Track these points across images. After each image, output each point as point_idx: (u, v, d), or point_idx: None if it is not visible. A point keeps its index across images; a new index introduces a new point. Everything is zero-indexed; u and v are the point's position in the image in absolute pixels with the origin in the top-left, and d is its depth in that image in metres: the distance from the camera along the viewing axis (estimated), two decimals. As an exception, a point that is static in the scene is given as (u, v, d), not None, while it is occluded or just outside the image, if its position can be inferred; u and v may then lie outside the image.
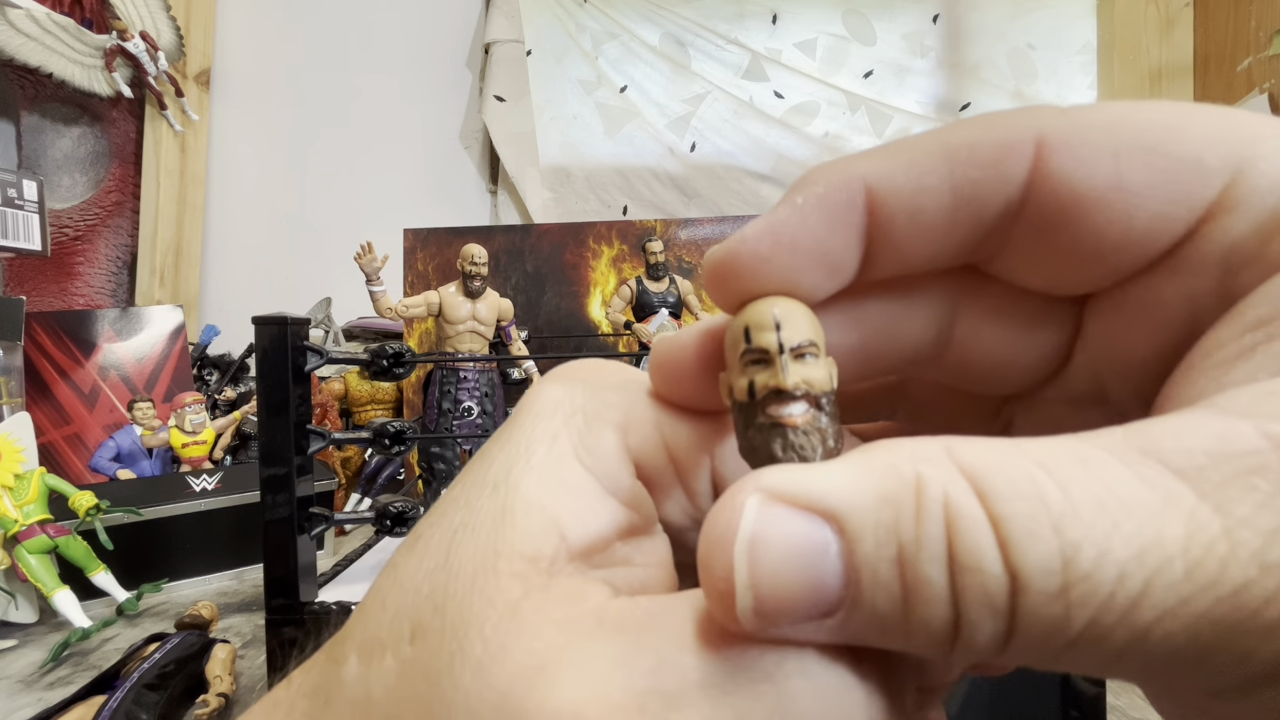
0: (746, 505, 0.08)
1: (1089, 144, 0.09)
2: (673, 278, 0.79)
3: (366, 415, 0.94)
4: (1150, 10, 1.35)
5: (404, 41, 1.39)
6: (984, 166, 0.10)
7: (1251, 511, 0.07)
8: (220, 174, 1.34)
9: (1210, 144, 0.09)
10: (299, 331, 0.43)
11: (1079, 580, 0.07)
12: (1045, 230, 0.10)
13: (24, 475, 0.52)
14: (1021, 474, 0.08)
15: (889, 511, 0.08)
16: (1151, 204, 0.09)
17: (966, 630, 0.08)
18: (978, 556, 0.07)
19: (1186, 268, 0.10)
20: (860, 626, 0.08)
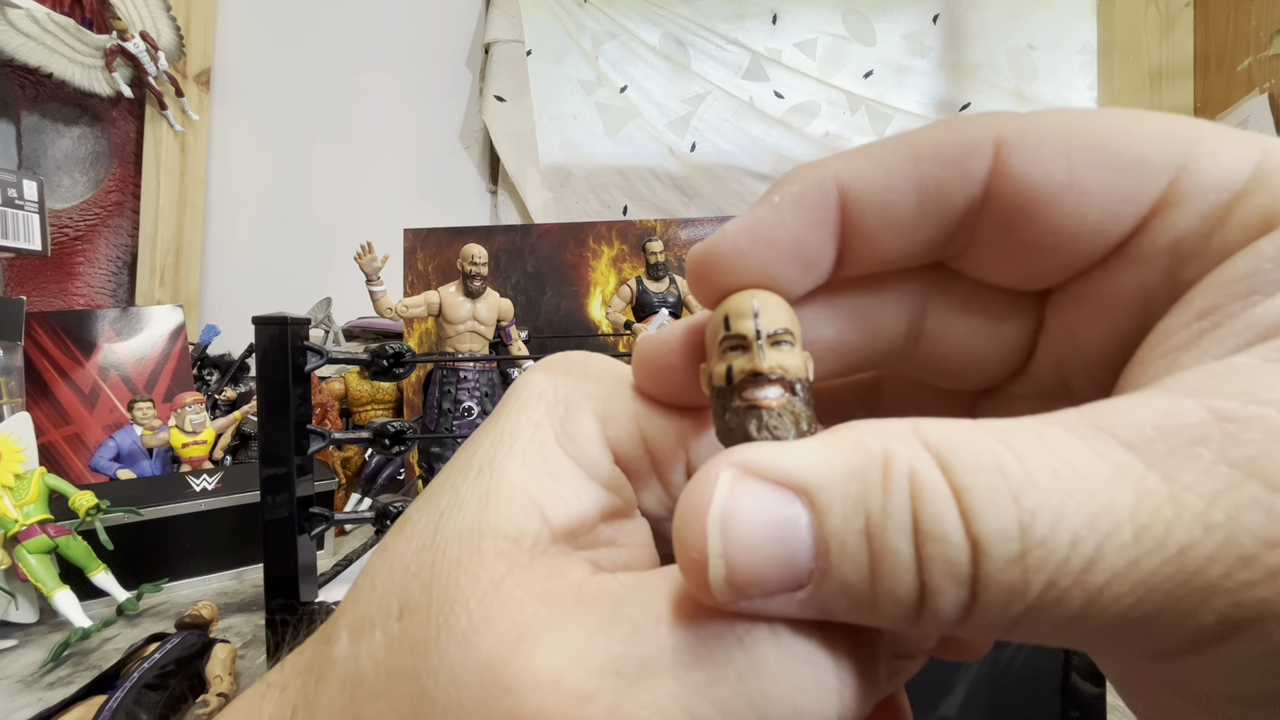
0: (720, 479, 0.09)
1: (1044, 144, 0.10)
2: (673, 278, 0.79)
3: (366, 415, 0.94)
4: (1150, 10, 1.35)
5: (404, 41, 1.39)
6: (948, 165, 0.10)
7: (1195, 478, 0.07)
8: (220, 174, 1.34)
9: (1155, 144, 0.10)
10: (299, 331, 0.43)
11: (1036, 545, 0.07)
12: (1005, 226, 0.11)
13: (24, 475, 0.52)
14: (982, 448, 0.08)
15: (857, 485, 0.08)
16: (1101, 200, 0.10)
17: (931, 599, 0.08)
18: (941, 526, 0.08)
19: (1137, 261, 0.10)
20: (830, 598, 0.08)
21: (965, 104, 1.41)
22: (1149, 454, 0.08)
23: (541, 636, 0.09)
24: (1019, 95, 1.41)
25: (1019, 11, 1.41)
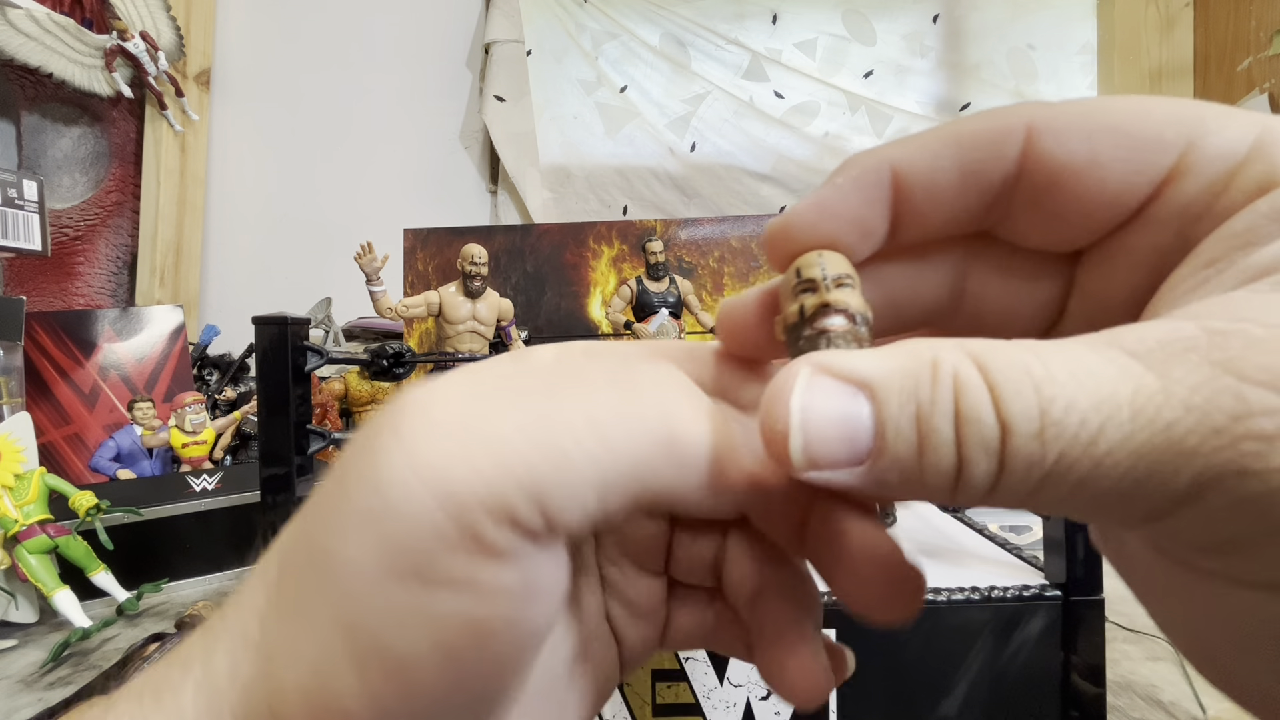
0: (800, 373, 0.11)
1: (1068, 128, 0.12)
2: (673, 278, 0.79)
3: (366, 415, 0.94)
4: (1150, 10, 1.35)
5: (404, 41, 1.39)
6: (985, 148, 0.12)
7: (1184, 373, 0.09)
8: (220, 174, 1.34)
9: (1166, 124, 0.11)
10: (299, 331, 0.43)
11: (1051, 424, 0.09)
12: (1037, 197, 0.12)
13: (24, 475, 0.52)
14: (1014, 354, 0.10)
15: (910, 381, 0.10)
16: (1119, 173, 0.12)
17: (967, 470, 0.10)
18: (978, 410, 0.10)
19: (1153, 224, 0.12)
20: (885, 472, 0.10)
21: (965, 104, 1.41)
22: (1149, 359, 0.09)
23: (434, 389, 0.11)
24: (1019, 95, 1.41)
25: (1019, 11, 1.41)
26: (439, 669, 0.10)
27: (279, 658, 0.11)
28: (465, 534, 0.10)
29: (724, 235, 1.01)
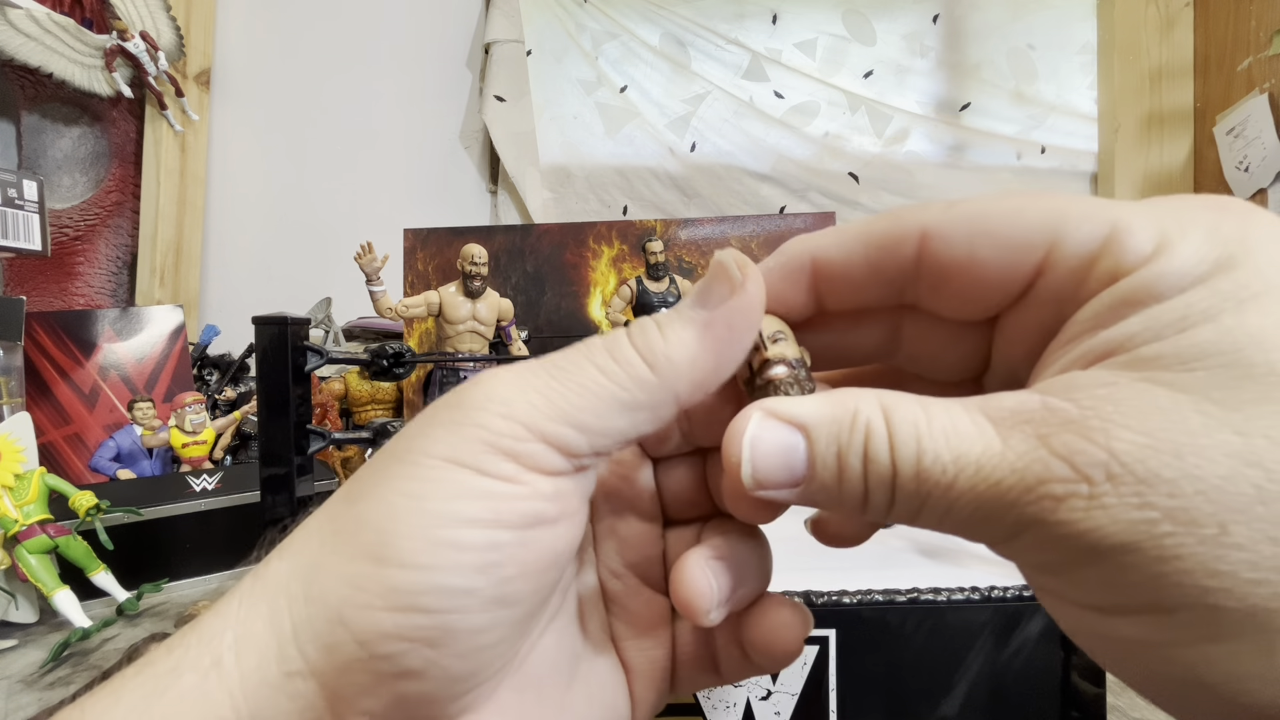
0: (752, 416, 0.14)
1: (954, 233, 0.14)
2: (673, 278, 0.79)
3: (366, 415, 0.94)
4: (1150, 10, 1.34)
5: (404, 42, 1.39)
6: (887, 248, 0.15)
7: (1017, 440, 0.12)
8: (220, 174, 1.34)
9: (1033, 226, 0.14)
10: (299, 331, 0.43)
11: (924, 470, 0.13)
12: (935, 285, 0.15)
13: (24, 475, 0.52)
14: (910, 411, 0.13)
15: (835, 426, 0.14)
16: (997, 269, 0.14)
17: (870, 496, 0.13)
18: (878, 454, 0.13)
19: (1035, 304, 0.15)
20: (814, 493, 0.14)
21: (965, 104, 1.41)
22: (1000, 425, 0.13)
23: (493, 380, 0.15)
24: (1019, 95, 1.41)
25: (1019, 11, 1.41)
26: (494, 550, 0.14)
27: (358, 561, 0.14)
28: (519, 440, 0.14)
29: (724, 235, 1.01)
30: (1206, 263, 0.12)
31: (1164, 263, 0.12)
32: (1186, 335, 0.12)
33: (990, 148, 1.41)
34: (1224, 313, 0.11)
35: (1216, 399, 0.11)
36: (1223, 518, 0.11)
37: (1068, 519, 0.11)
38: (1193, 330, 0.12)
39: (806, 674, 0.40)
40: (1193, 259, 0.12)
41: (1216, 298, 0.12)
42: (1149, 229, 0.13)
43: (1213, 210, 0.13)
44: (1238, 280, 0.12)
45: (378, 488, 0.14)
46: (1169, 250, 0.12)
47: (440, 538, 0.13)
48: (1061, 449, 0.12)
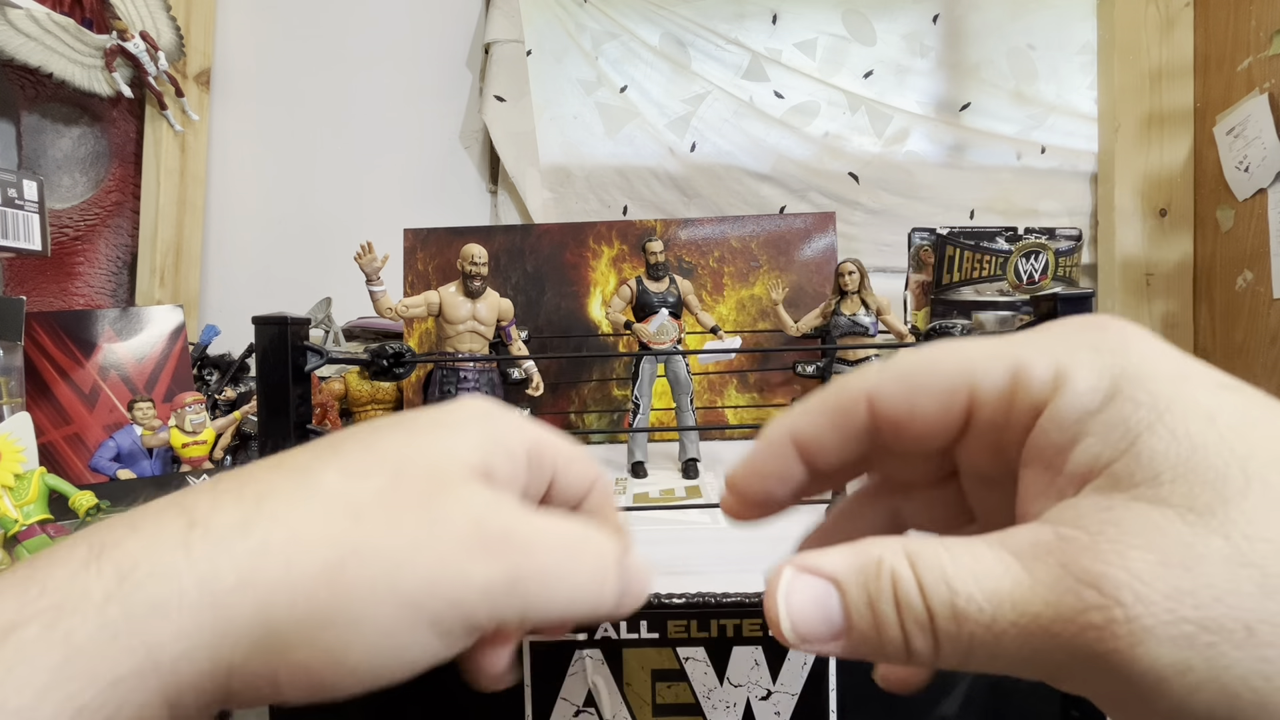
0: (784, 572, 0.16)
1: (894, 392, 0.17)
2: (673, 278, 0.79)
3: (366, 415, 0.94)
4: (1150, 10, 1.34)
5: (404, 41, 1.39)
6: (845, 415, 0.18)
7: (1043, 573, 0.13)
8: (220, 174, 1.34)
9: (952, 376, 0.16)
10: (299, 331, 0.43)
11: (959, 610, 0.14)
12: (892, 435, 0.17)
13: (24, 475, 0.52)
14: (934, 554, 0.14)
15: (863, 576, 0.15)
16: (935, 416, 0.17)
17: (911, 643, 0.14)
18: (910, 598, 0.14)
19: (974, 435, 0.17)
20: (856, 645, 0.15)
21: (965, 104, 1.41)
22: (1023, 558, 0.14)
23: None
24: (1019, 95, 1.41)
25: (1019, 11, 1.41)
26: None
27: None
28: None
29: (724, 235, 1.01)
30: (1101, 391, 0.14)
31: (1069, 392, 0.15)
32: (1135, 452, 0.13)
33: (990, 148, 1.41)
34: (1150, 429, 0.13)
35: (1193, 508, 0.12)
36: (1244, 619, 0.11)
37: (1116, 648, 0.12)
38: (1136, 446, 0.13)
39: (806, 674, 0.40)
40: (1088, 387, 0.14)
41: (1136, 414, 0.14)
42: (1044, 362, 0.15)
43: (1092, 332, 0.15)
44: (1137, 399, 0.14)
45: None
46: (1070, 379, 0.15)
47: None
48: (1085, 576, 0.13)
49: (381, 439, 0.17)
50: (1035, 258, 1.12)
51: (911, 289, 1.19)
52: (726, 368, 0.99)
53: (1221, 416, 0.13)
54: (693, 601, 0.40)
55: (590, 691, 0.41)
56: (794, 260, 1.00)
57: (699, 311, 0.80)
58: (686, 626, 0.40)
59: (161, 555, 0.14)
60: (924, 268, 1.18)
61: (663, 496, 0.69)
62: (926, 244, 1.17)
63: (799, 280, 0.99)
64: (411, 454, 0.17)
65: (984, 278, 1.13)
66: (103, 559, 0.14)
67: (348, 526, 0.15)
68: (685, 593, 0.41)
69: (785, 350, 0.90)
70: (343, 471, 0.16)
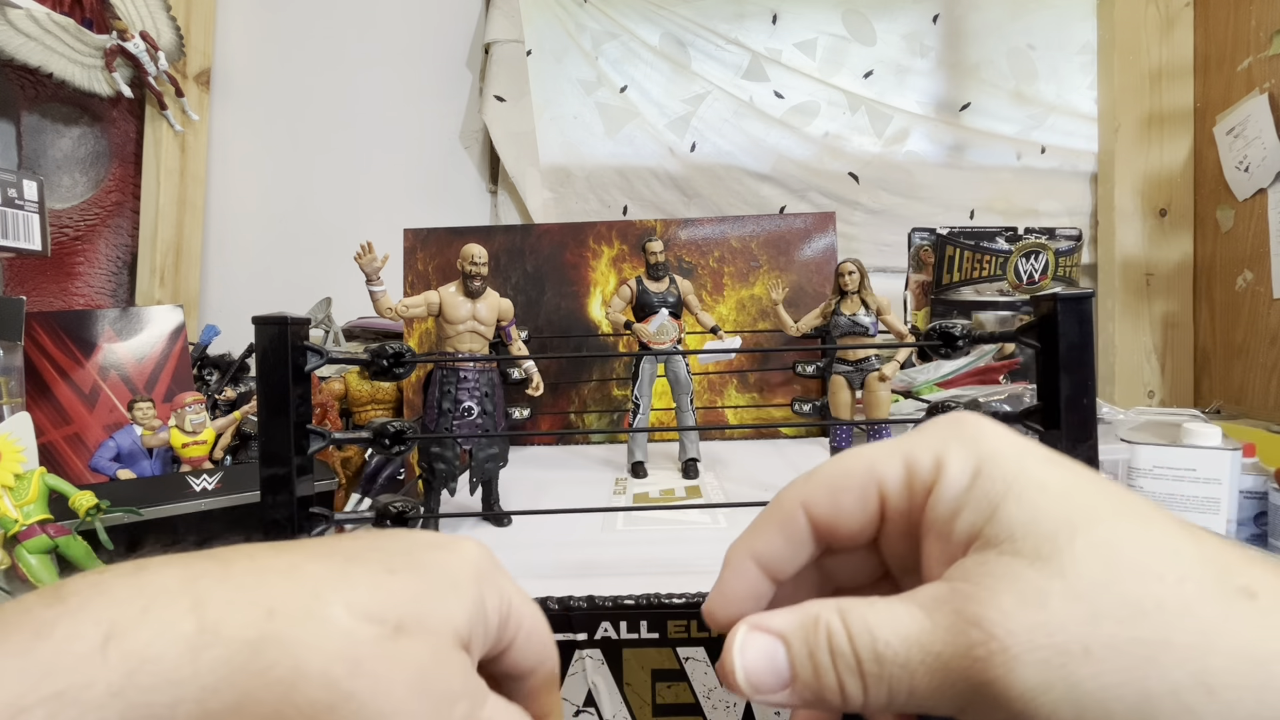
0: (740, 631, 0.18)
1: (821, 498, 0.20)
2: (673, 278, 0.79)
3: (366, 415, 0.94)
4: (1150, 10, 1.34)
5: (404, 41, 1.39)
6: (789, 526, 0.20)
7: (941, 618, 0.16)
8: (220, 174, 1.34)
9: (864, 475, 0.19)
10: (299, 331, 0.43)
11: (880, 652, 0.16)
12: (827, 533, 0.20)
13: (24, 475, 0.52)
14: (862, 609, 0.17)
15: (804, 631, 0.18)
16: (855, 511, 0.20)
17: (844, 686, 0.17)
18: (841, 648, 0.17)
19: (888, 530, 0.20)
20: (801, 692, 0.17)
21: (965, 104, 1.41)
22: (926, 608, 0.17)
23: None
24: (1019, 95, 1.41)
25: (1019, 11, 1.41)
26: None
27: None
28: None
29: (724, 235, 1.01)
30: (968, 473, 0.18)
31: (946, 475, 0.18)
32: (997, 518, 0.17)
33: (990, 148, 1.41)
34: (1004, 499, 0.17)
35: (1039, 556, 0.16)
36: (1082, 641, 0.15)
37: (997, 675, 0.15)
38: (997, 514, 0.17)
39: (806, 674, 0.40)
40: (959, 471, 0.18)
41: (994, 488, 0.17)
42: (927, 455, 0.19)
43: (956, 427, 0.19)
44: (993, 476, 0.18)
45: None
46: (946, 465, 0.18)
47: None
48: (971, 618, 0.16)
49: (395, 583, 0.18)
50: (1035, 258, 1.12)
51: (911, 289, 1.19)
52: (726, 368, 0.99)
53: (1050, 486, 0.17)
54: (693, 601, 0.40)
55: (590, 691, 0.41)
56: (794, 260, 1.00)
57: (699, 311, 0.80)
58: (686, 626, 0.40)
59: (168, 656, 0.15)
60: (924, 268, 1.18)
61: (663, 496, 0.69)
62: (926, 244, 1.17)
63: (799, 280, 0.99)
64: (418, 610, 0.18)
65: (984, 278, 1.13)
66: (110, 648, 0.14)
67: (346, 673, 0.16)
68: (685, 593, 0.41)
69: (785, 350, 0.90)
70: (351, 610, 0.17)
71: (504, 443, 0.63)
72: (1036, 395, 0.43)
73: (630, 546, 0.52)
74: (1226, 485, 0.79)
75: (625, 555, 0.50)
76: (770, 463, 0.83)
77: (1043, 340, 0.41)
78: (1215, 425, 0.84)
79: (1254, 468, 0.86)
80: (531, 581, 0.46)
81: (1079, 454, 0.40)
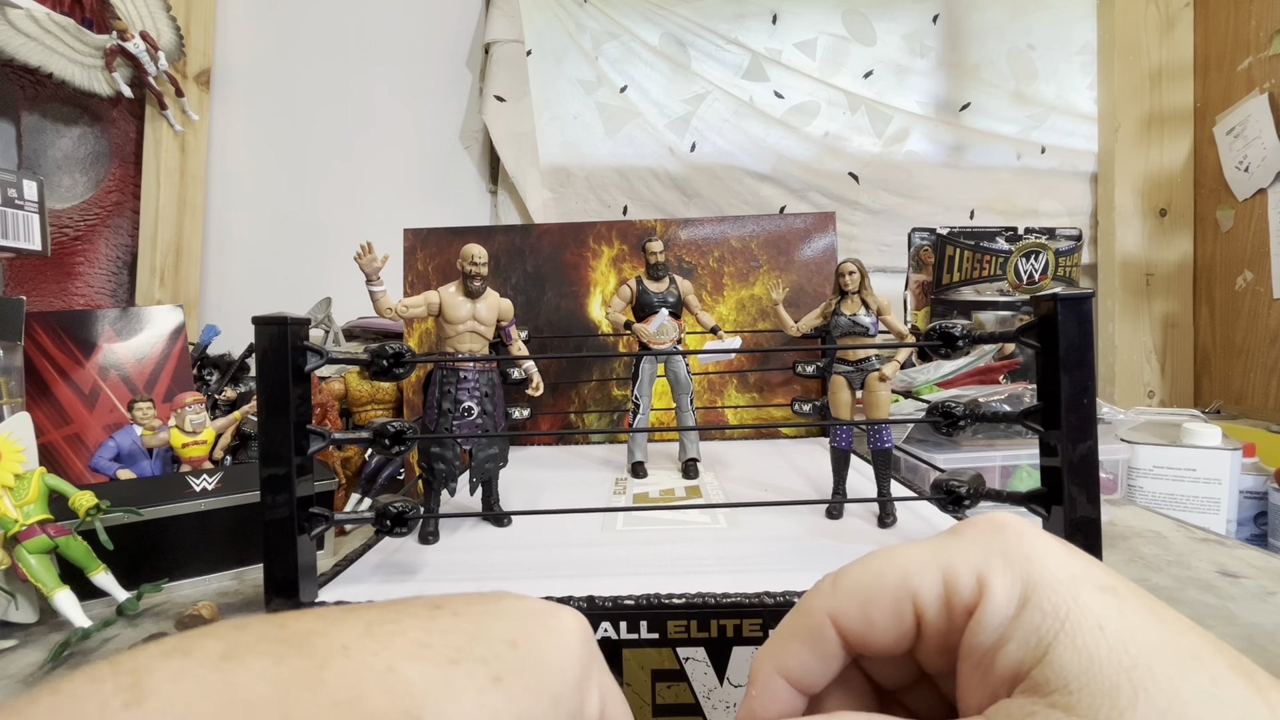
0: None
1: (851, 611, 0.19)
2: (673, 278, 0.79)
3: (366, 415, 0.94)
4: (1150, 10, 1.35)
5: (404, 41, 1.39)
6: (818, 639, 0.20)
7: None
8: (220, 174, 1.34)
9: (897, 589, 0.19)
10: (299, 331, 0.43)
11: None
12: (859, 645, 0.19)
13: (24, 475, 0.52)
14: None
15: None
16: (889, 625, 0.19)
17: None
18: None
19: (925, 644, 0.19)
20: None
21: (965, 104, 1.41)
22: None
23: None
24: (1019, 95, 1.41)
25: (1019, 11, 1.41)
26: None
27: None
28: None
29: (724, 235, 1.01)
30: (1014, 599, 0.17)
31: (990, 600, 0.17)
32: (1048, 660, 0.16)
33: (990, 148, 1.41)
34: (1057, 640, 0.16)
35: (1098, 715, 0.14)
36: None
37: None
38: (1049, 656, 0.16)
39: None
40: (1004, 596, 0.17)
41: (1045, 623, 0.16)
42: (968, 570, 0.18)
43: (998, 536, 0.18)
44: (1044, 609, 0.16)
45: None
46: (989, 587, 0.17)
47: None
48: None
49: (500, 704, 0.17)
50: (1035, 258, 1.12)
51: (911, 289, 1.19)
52: (726, 368, 0.99)
53: (1108, 625, 0.16)
54: (693, 601, 0.40)
55: (590, 691, 0.41)
56: (794, 260, 1.00)
57: (699, 311, 0.80)
58: (686, 626, 0.40)
59: None
60: (924, 268, 1.18)
61: (663, 496, 0.69)
62: (926, 244, 1.17)
63: (799, 280, 0.99)
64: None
65: (984, 278, 1.13)
66: None
67: None
68: (685, 593, 0.41)
69: (785, 350, 0.90)
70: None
71: (504, 443, 0.63)
72: (1036, 395, 0.43)
73: (630, 546, 0.52)
74: (1226, 485, 0.80)
75: (625, 555, 0.50)
76: (770, 463, 0.83)
77: (1043, 340, 0.41)
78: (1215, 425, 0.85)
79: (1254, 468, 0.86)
80: (531, 582, 0.46)
81: (1079, 454, 0.40)
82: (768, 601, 0.40)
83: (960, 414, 0.47)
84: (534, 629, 0.19)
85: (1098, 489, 0.41)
